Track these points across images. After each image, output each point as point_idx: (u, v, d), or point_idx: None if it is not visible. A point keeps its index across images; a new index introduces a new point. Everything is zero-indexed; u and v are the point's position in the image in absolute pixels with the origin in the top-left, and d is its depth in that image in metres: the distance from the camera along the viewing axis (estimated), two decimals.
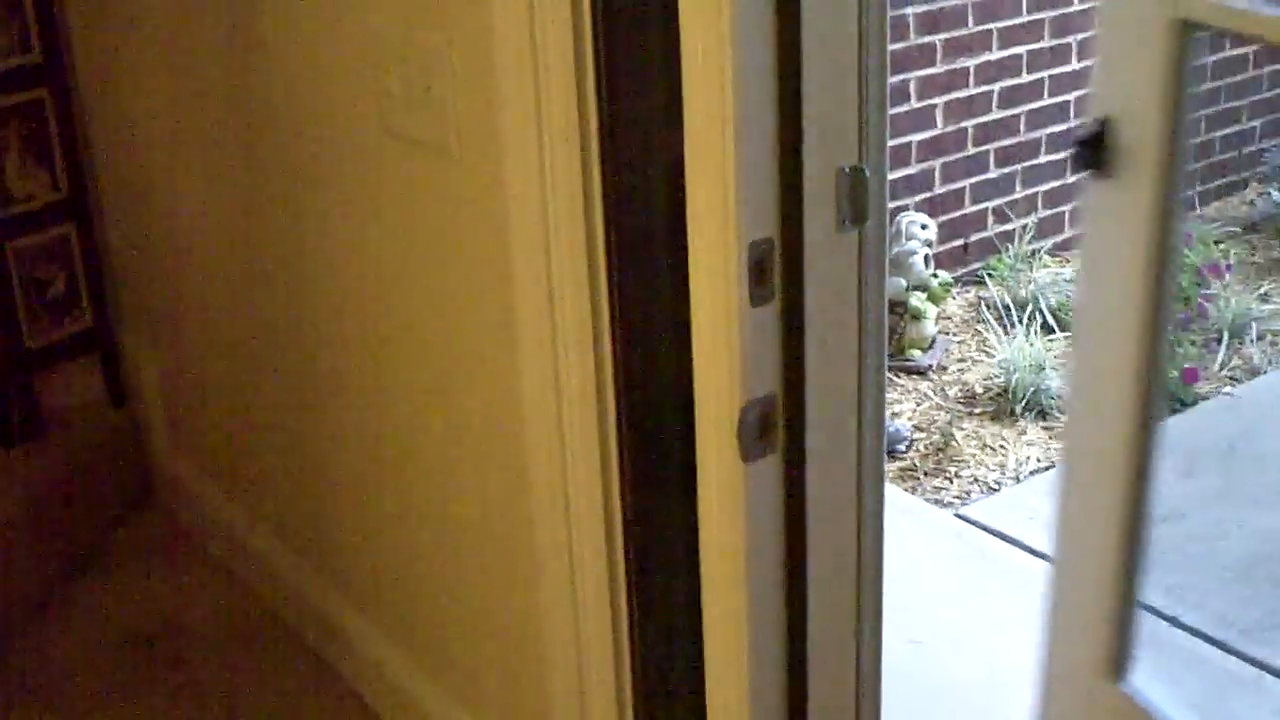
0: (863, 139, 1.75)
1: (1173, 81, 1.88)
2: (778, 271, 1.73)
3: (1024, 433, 4.45)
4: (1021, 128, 5.43)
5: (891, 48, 2.29)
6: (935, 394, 4.67)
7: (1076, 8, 5.37)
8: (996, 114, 5.34)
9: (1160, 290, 2.00)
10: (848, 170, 1.74)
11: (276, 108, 2.63)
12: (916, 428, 4.46)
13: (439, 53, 2.14)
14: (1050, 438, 4.42)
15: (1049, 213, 5.58)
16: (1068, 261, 5.51)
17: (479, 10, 1.99)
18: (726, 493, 1.80)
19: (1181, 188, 1.94)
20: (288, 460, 3.07)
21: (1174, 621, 3.53)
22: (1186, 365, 4.66)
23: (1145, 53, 1.88)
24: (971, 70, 5.20)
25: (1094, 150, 1.98)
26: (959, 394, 4.66)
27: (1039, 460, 4.31)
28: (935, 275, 4.97)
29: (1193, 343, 4.80)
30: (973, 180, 5.35)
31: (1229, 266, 5.26)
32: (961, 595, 3.65)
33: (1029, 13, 5.27)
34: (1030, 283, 5.17)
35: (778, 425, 1.79)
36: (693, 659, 1.99)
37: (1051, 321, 4.96)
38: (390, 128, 2.31)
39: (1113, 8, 1.96)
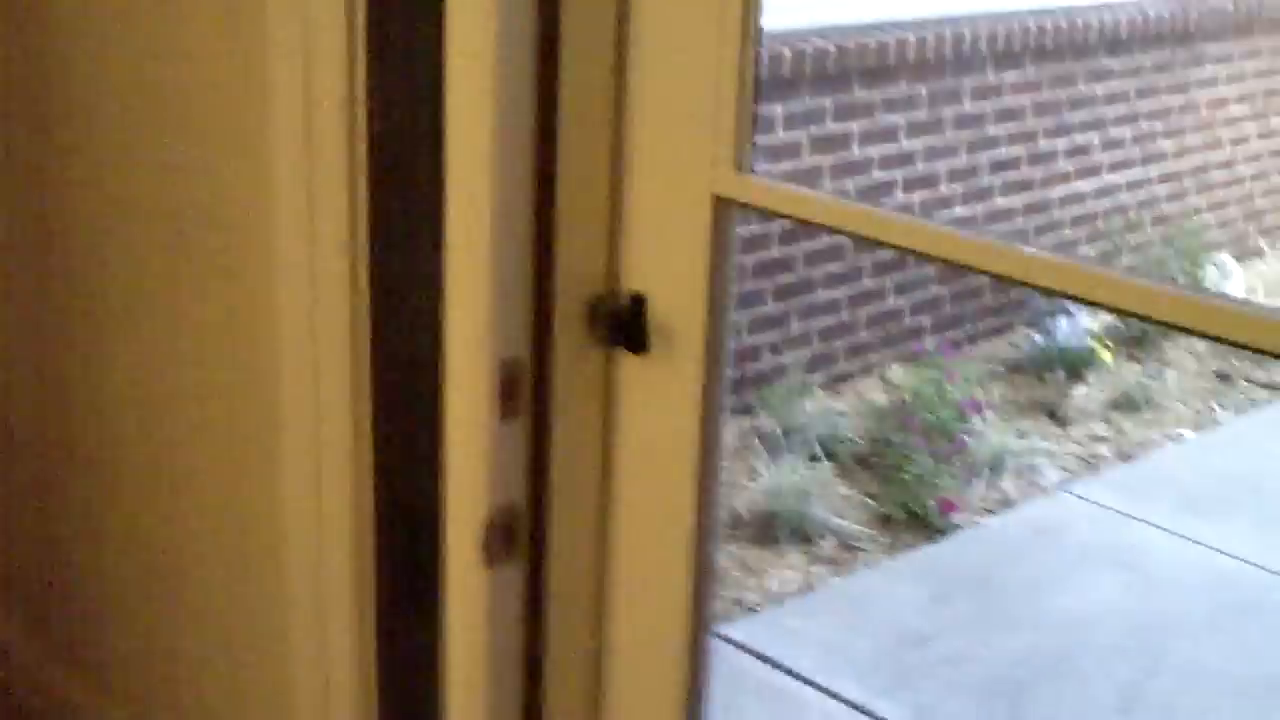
0: (614, 266, 1.87)
1: (712, 258, 1.79)
2: (527, 388, 1.86)
3: (785, 556, 4.61)
4: (799, 266, 5.63)
5: None
6: None
7: (855, 155, 5.61)
8: (775, 252, 5.54)
9: (706, 471, 1.88)
10: (608, 295, 1.87)
11: (72, 217, 2.70)
12: None
13: (224, 172, 2.25)
14: (810, 562, 4.59)
15: (822, 348, 5.78)
16: (838, 394, 5.72)
17: (259, 135, 2.10)
18: (469, 597, 1.91)
19: (724, 363, 1.85)
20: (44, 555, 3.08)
21: None
22: (944, 496, 4.87)
23: (681, 228, 1.80)
24: None
25: (629, 327, 1.87)
26: (725, 518, 4.81)
27: (799, 584, 4.47)
28: None
29: (952, 475, 5.02)
30: (750, 313, 5.54)
31: (988, 404, 5.51)
32: (718, 714, 3.76)
33: (809, 156, 5.49)
34: (801, 414, 5.35)
35: (521, 534, 1.91)
36: None
37: (819, 451, 5.14)
38: (177, 246, 2.39)
39: (644, 182, 1.83)
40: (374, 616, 2.20)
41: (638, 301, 1.86)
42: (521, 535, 1.92)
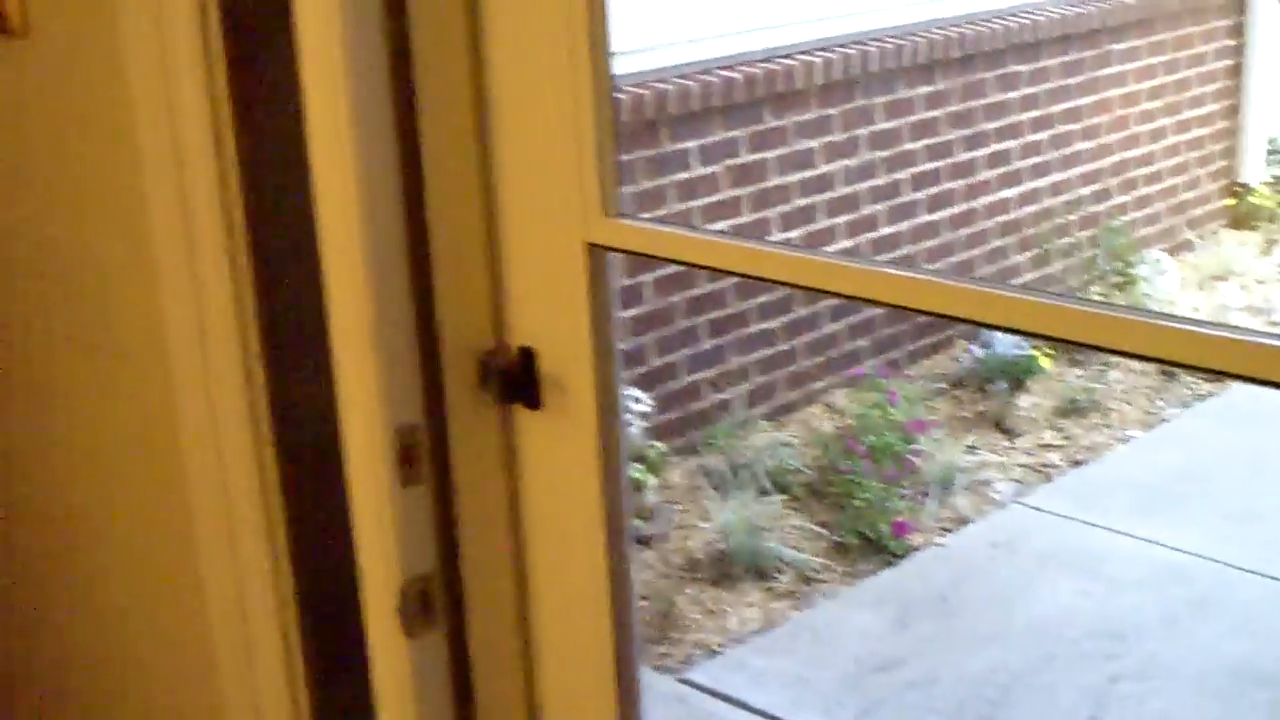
0: (500, 322, 1.85)
1: (592, 305, 1.77)
2: (426, 454, 1.82)
3: (744, 595, 4.57)
4: (731, 299, 5.62)
5: None
6: (658, 562, 4.77)
7: (773, 182, 5.60)
8: (706, 288, 5.52)
9: (613, 516, 1.85)
10: (497, 351, 1.84)
11: None
12: (641, 597, 4.55)
13: (109, 259, 2.21)
14: (769, 598, 4.55)
15: (762, 380, 5.76)
16: (783, 425, 5.69)
17: (136, 213, 2.07)
18: (394, 669, 1.87)
19: (618, 409, 1.82)
20: None
21: None
22: (897, 519, 4.84)
23: (559, 279, 1.78)
24: None
25: (521, 382, 1.84)
26: (681, 561, 4.77)
27: (759, 621, 4.43)
28: (653, 446, 5.11)
29: (902, 497, 4.99)
30: (686, 352, 5.51)
31: (934, 422, 5.49)
32: None
33: (727, 189, 5.48)
34: (747, 448, 5.32)
35: (438, 601, 1.87)
36: None
37: (768, 484, 5.11)
38: (67, 332, 2.36)
39: (519, 237, 1.81)
40: (307, 694, 2.16)
41: (527, 355, 1.83)
42: (438, 602, 1.87)
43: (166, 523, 2.29)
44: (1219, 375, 1.40)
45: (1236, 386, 5.84)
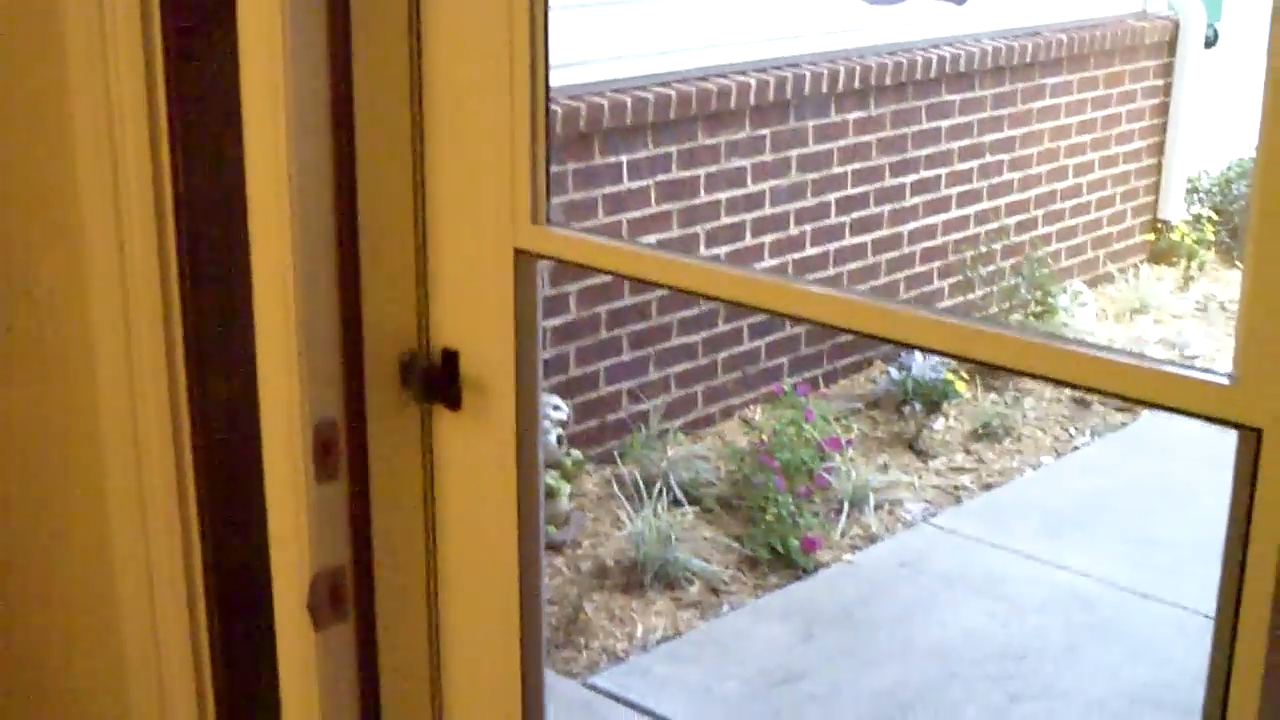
0: (424, 323, 1.88)
1: (517, 310, 1.80)
2: (344, 450, 1.85)
3: (652, 603, 4.61)
4: (654, 312, 5.66)
5: None
6: (568, 568, 4.81)
7: (703, 199, 5.65)
8: (629, 300, 5.56)
9: (526, 520, 1.88)
10: (420, 352, 1.87)
11: None
12: (550, 602, 4.59)
13: (38, 247, 2.23)
14: (677, 607, 4.59)
15: (681, 393, 5.81)
16: (700, 439, 5.74)
17: (69, 206, 2.09)
18: (300, 661, 1.90)
19: (537, 414, 1.86)
20: None
21: None
22: (807, 534, 4.90)
23: (485, 283, 1.82)
24: None
25: (442, 383, 1.88)
26: (591, 568, 4.81)
27: (665, 629, 4.48)
28: (569, 454, 5.14)
29: (814, 514, 5.05)
30: (607, 363, 5.56)
31: (849, 441, 5.55)
32: None
33: (657, 204, 5.53)
34: (663, 460, 5.37)
35: (348, 595, 1.90)
36: None
37: (681, 496, 5.15)
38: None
39: (448, 241, 1.84)
40: (212, 683, 2.18)
41: (449, 357, 1.86)
42: (349, 596, 1.90)
43: (81, 509, 2.31)
44: (1125, 400, 1.47)
45: (1147, 416, 5.96)
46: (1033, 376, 1.51)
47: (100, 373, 2.13)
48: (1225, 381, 1.32)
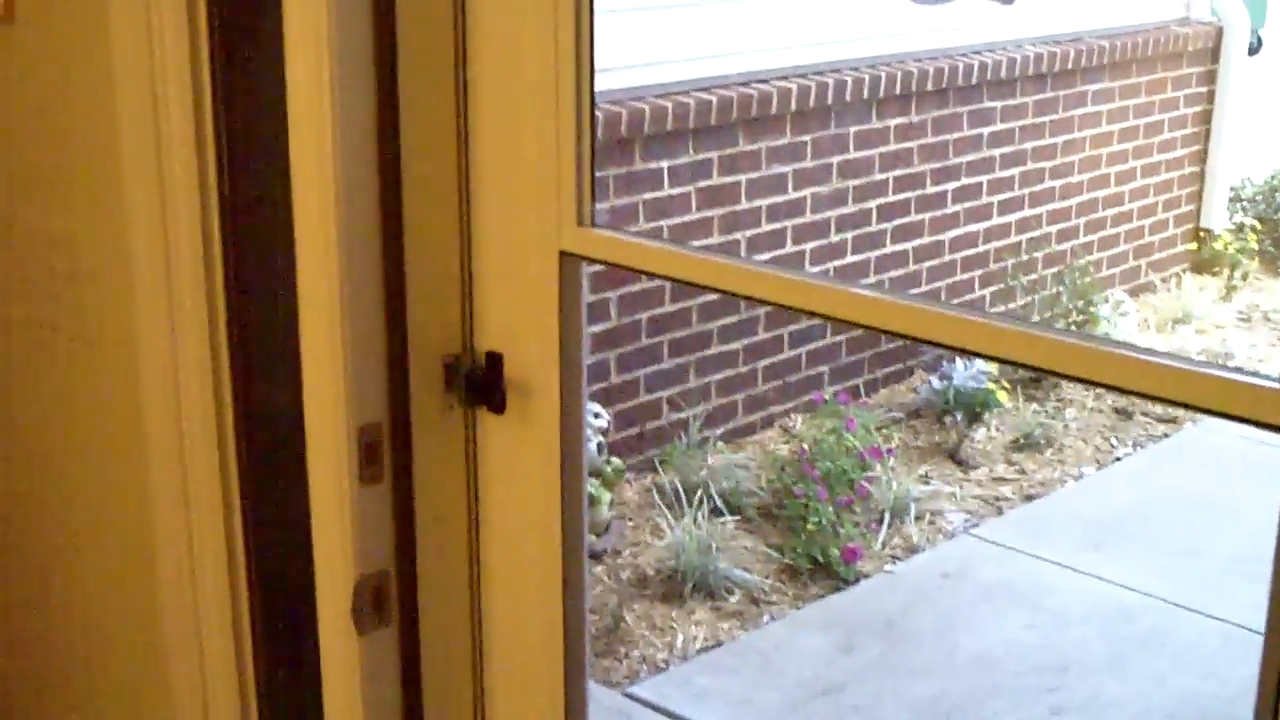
0: (469, 327, 1.87)
1: (562, 313, 1.80)
2: (388, 453, 1.84)
3: (692, 613, 4.59)
4: (694, 320, 5.64)
5: None
6: (608, 577, 4.79)
7: (744, 205, 5.63)
8: (670, 307, 5.54)
9: (570, 523, 1.88)
10: (464, 355, 1.86)
11: None
12: (590, 610, 4.56)
13: (77, 243, 2.22)
14: (717, 617, 4.57)
15: (721, 401, 5.78)
16: (740, 447, 5.72)
17: (114, 202, 2.08)
18: (344, 664, 1.89)
19: (581, 417, 1.86)
20: None
21: None
22: (848, 544, 4.87)
23: (530, 286, 1.81)
24: None
25: (486, 386, 1.87)
26: (631, 577, 4.79)
27: (706, 639, 4.45)
28: (609, 462, 5.12)
29: (855, 524, 5.02)
30: (647, 370, 5.54)
31: (890, 450, 5.52)
32: None
33: (698, 210, 5.51)
34: (703, 468, 5.34)
35: (391, 599, 1.89)
36: None
37: (721, 505, 5.13)
38: (38, 317, 2.37)
39: (494, 244, 1.84)
40: (254, 686, 2.17)
41: (494, 360, 1.85)
42: (392, 600, 1.89)
43: (125, 511, 2.30)
44: (1180, 406, 1.45)
45: (1189, 427, 5.90)
46: (1087, 382, 1.49)
47: (144, 376, 2.13)
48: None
